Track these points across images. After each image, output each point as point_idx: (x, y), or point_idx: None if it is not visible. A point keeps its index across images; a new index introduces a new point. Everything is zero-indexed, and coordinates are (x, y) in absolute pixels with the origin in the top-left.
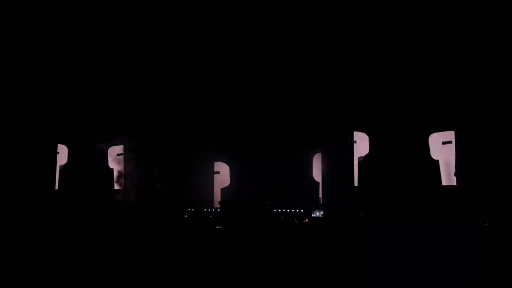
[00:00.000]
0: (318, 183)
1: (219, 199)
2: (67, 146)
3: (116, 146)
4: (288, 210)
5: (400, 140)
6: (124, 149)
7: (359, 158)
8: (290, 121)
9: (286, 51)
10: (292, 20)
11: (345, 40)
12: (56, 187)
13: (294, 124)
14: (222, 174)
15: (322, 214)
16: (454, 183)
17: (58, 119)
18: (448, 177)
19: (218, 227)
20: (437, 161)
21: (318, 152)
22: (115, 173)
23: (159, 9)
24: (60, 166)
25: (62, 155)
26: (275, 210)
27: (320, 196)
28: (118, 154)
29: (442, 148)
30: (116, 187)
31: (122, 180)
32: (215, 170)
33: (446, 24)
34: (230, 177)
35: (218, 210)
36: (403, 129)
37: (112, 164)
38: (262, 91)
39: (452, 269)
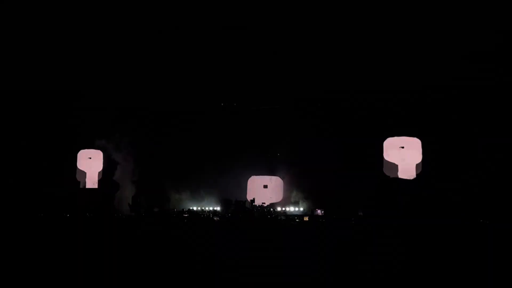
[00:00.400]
0: None
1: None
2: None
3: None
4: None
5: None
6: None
7: None
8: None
9: (286, 51)
10: (292, 20)
11: (344, 40)
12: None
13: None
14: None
15: (322, 213)
16: None
17: (59, 119)
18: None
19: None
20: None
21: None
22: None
23: (159, 9)
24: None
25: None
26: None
27: None
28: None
29: None
30: None
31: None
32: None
33: (446, 24)
34: None
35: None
36: (402, 129)
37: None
38: (262, 92)
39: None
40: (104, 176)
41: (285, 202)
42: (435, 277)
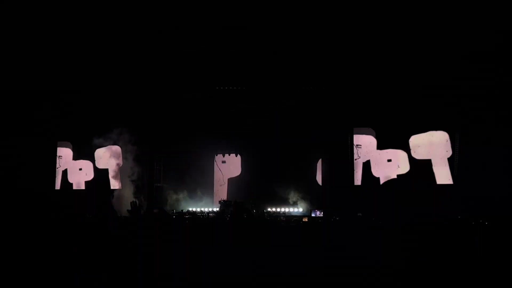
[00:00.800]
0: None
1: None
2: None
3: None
4: (288, 211)
5: (400, 138)
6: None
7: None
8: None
9: (286, 51)
10: (292, 20)
11: (345, 40)
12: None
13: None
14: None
15: (322, 214)
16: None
17: (59, 118)
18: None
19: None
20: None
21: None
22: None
23: (159, 9)
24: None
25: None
26: (274, 210)
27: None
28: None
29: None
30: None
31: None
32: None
33: (446, 24)
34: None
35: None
36: (401, 129)
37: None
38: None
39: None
40: (98, 176)
41: (284, 202)
42: (435, 277)
